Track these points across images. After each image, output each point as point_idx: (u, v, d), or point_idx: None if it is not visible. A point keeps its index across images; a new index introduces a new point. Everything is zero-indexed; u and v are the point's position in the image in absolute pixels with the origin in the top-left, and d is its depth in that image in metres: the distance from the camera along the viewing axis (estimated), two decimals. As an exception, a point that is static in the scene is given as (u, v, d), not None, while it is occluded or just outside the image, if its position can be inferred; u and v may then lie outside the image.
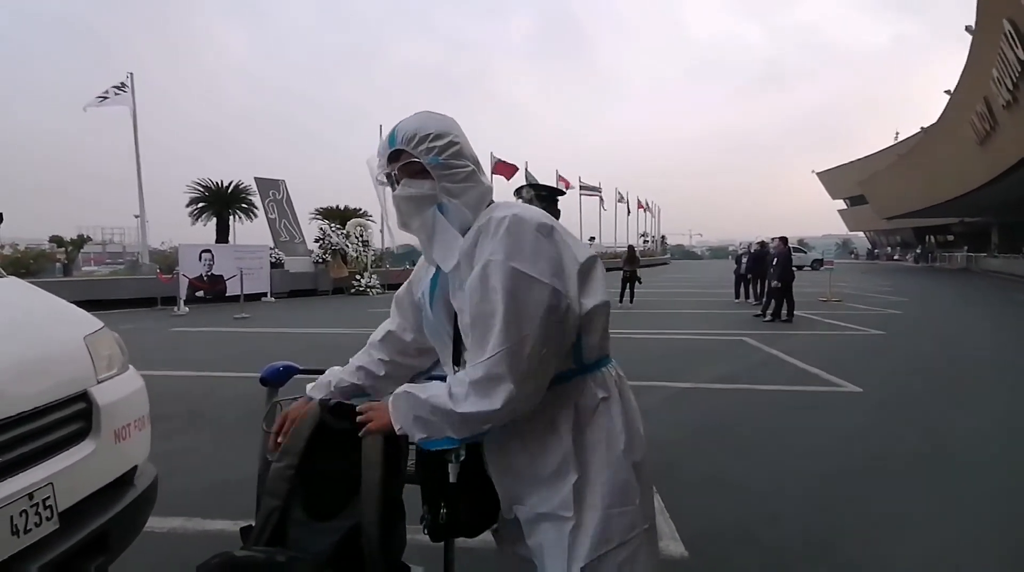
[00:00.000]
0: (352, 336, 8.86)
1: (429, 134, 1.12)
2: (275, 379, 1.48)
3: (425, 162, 1.11)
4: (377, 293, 17.25)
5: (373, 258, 18.99)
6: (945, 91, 26.24)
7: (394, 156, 1.15)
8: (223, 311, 12.07)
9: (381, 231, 22.85)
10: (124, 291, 13.48)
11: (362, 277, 17.52)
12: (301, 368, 1.56)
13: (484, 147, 27.30)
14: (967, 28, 19.31)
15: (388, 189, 1.20)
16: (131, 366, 2.24)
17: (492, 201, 1.18)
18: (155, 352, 7.31)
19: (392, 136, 1.15)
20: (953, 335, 9.13)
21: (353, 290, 17.20)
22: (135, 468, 1.91)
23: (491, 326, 1.01)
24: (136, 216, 17.92)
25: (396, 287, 1.23)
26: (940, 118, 27.50)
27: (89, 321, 1.97)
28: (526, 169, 27.01)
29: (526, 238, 1.05)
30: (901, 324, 10.16)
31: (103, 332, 2.15)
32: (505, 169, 25.27)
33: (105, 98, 16.24)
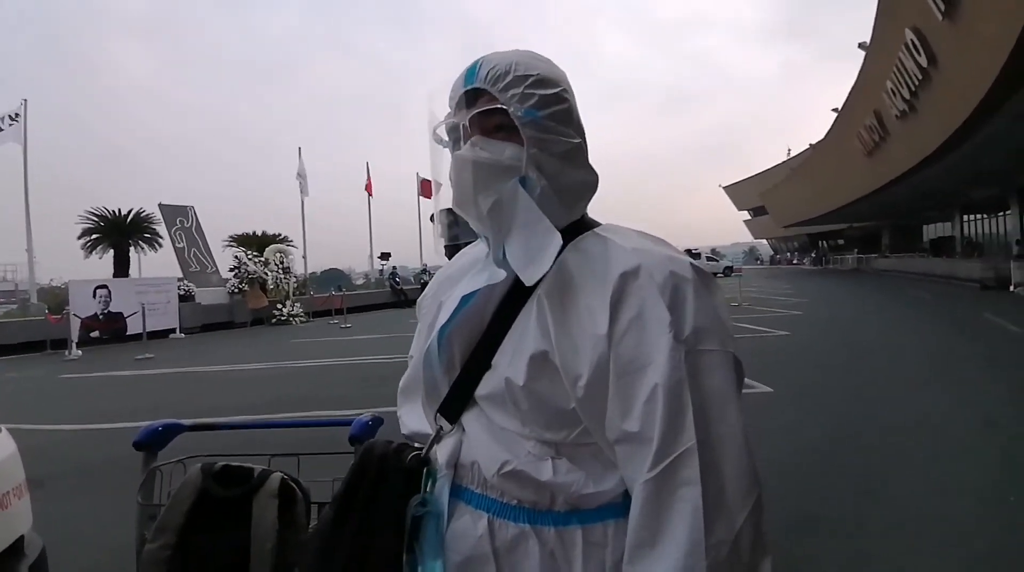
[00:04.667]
0: (272, 370, 8.38)
1: (530, 75, 0.74)
2: (153, 441, 1.32)
3: (516, 114, 0.73)
4: (301, 322, 16.50)
5: (295, 285, 18.17)
6: (832, 109, 29.02)
7: (471, 100, 0.76)
8: (123, 352, 11.03)
9: (304, 257, 22.05)
10: (11, 335, 12.11)
11: (284, 306, 16.70)
12: (187, 424, 1.40)
13: (410, 168, 27.10)
14: (860, 45, 21.38)
15: (448, 149, 0.80)
16: (3, 427, 2.02)
17: (591, 218, 0.82)
18: (41, 403, 6.55)
19: (472, 70, 0.76)
20: (848, 331, 9.99)
21: (274, 320, 16.36)
22: (22, 538, 1.78)
23: (725, 463, 0.66)
24: (27, 250, 16.28)
25: (322, 315, 1.04)
26: (827, 134, 30.37)
27: None
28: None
29: (720, 299, 0.73)
30: (803, 324, 10.98)
31: (-28, 392, 1.94)
32: (430, 190, 25.35)
33: (6, 127, 15.07)
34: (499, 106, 0.74)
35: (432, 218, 1.10)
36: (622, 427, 0.68)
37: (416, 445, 0.82)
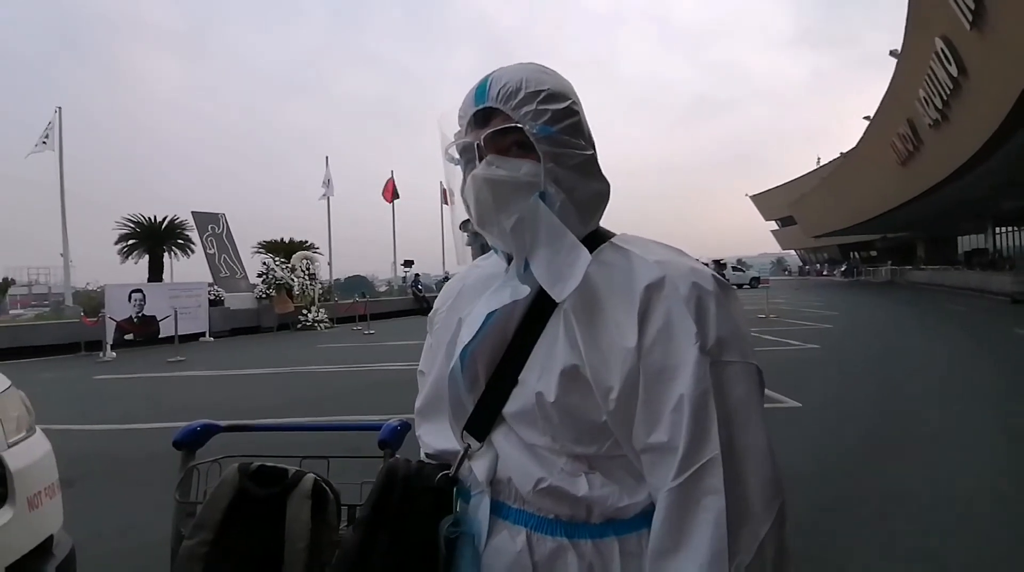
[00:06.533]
0: (299, 375, 8.52)
1: (541, 91, 0.74)
2: (191, 440, 1.36)
3: (531, 131, 0.74)
4: (325, 327, 16.76)
5: (320, 291, 18.48)
6: (864, 117, 28.42)
7: (481, 119, 0.77)
8: (156, 354, 11.34)
9: (329, 263, 22.42)
10: (47, 336, 12.56)
11: (309, 311, 16.99)
12: (223, 425, 1.44)
13: (434, 177, 27.32)
14: (891, 52, 20.89)
15: (460, 167, 0.81)
16: (38, 428, 2.08)
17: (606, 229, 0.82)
18: (76, 404, 6.75)
19: (482, 88, 0.76)
20: (878, 346, 9.69)
21: (300, 325, 16.64)
22: (51, 537, 1.81)
23: (748, 472, 0.67)
24: (61, 254, 16.95)
25: (346, 321, 1.04)
26: (859, 142, 29.73)
27: None
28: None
29: (740, 311, 0.74)
30: (833, 337, 10.71)
31: (10, 392, 1.99)
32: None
33: (44, 144, 15.97)
34: (513, 124, 0.74)
35: (461, 226, 1.11)
36: (649, 437, 0.69)
37: (433, 464, 0.81)
